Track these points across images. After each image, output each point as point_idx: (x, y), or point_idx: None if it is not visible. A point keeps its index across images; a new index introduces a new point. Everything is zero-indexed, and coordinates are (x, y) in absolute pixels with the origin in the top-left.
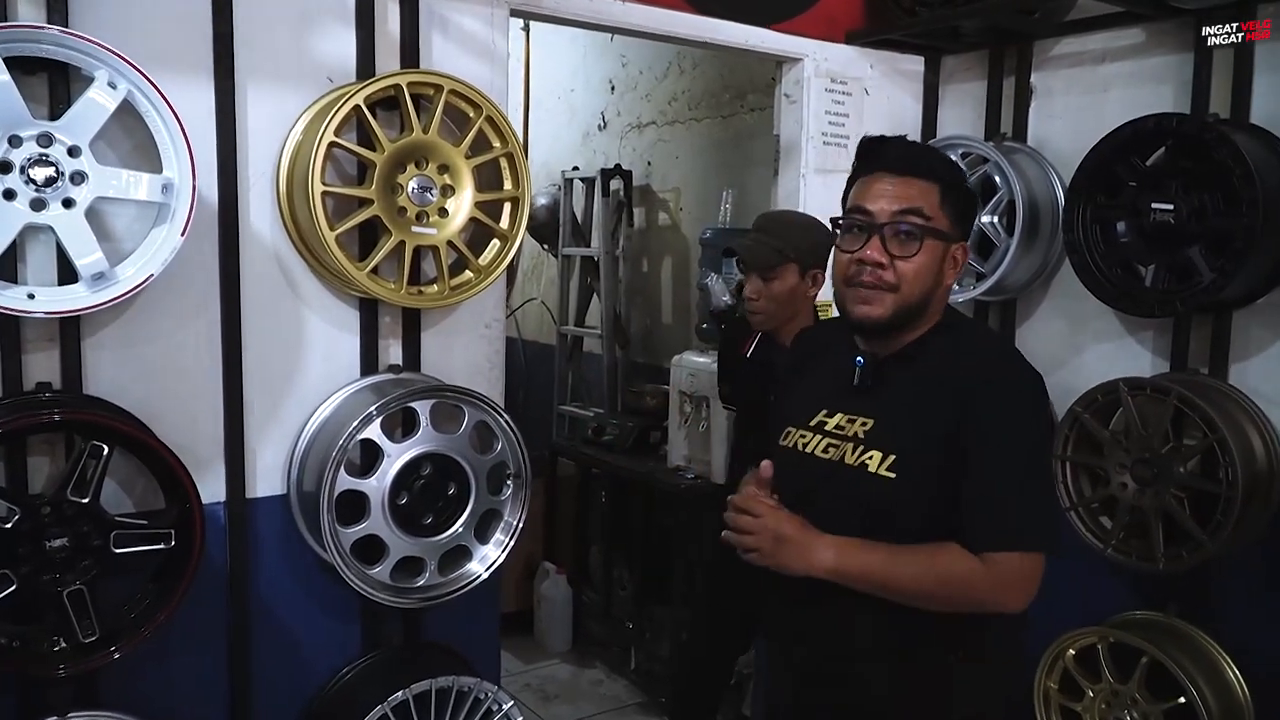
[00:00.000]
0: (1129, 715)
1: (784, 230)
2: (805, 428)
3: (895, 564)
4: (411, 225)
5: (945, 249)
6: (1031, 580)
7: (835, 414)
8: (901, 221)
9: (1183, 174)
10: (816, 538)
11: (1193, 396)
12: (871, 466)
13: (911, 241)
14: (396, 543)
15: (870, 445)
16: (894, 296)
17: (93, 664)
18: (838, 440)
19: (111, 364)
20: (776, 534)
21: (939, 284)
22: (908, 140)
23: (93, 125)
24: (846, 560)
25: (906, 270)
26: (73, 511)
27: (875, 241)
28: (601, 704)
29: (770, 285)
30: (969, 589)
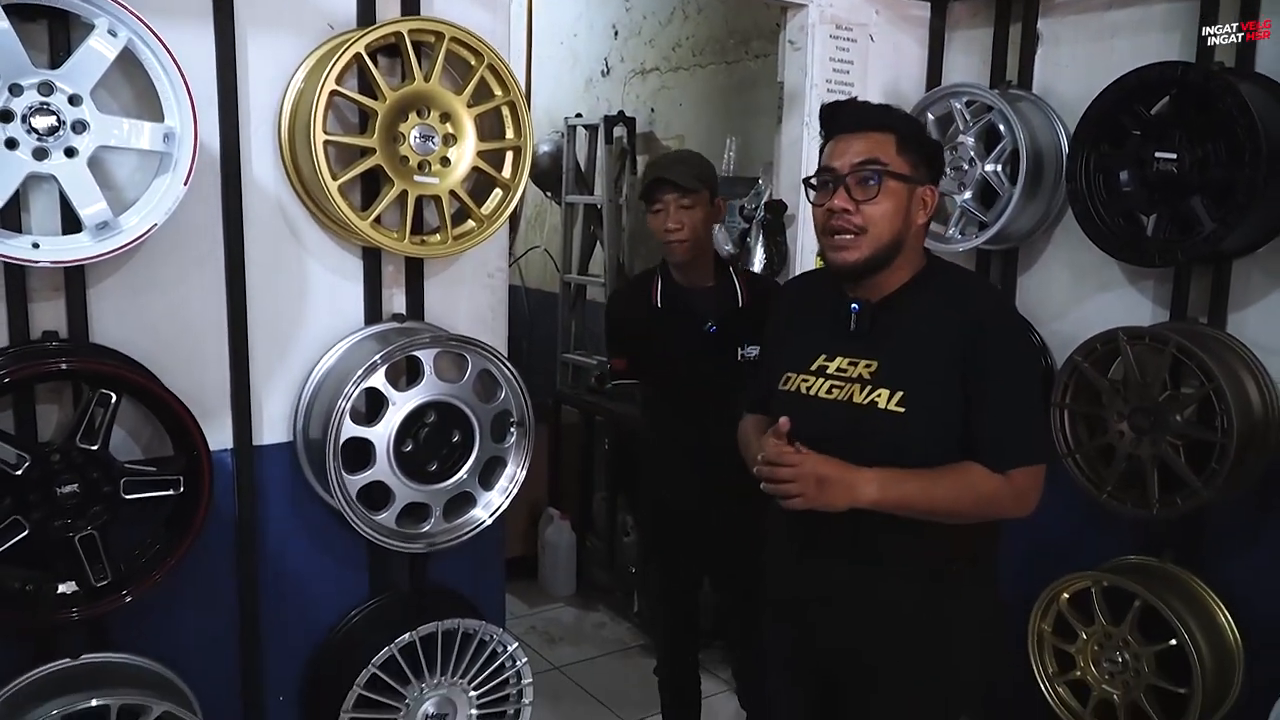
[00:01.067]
0: (1121, 657)
1: (692, 161)
2: (806, 372)
3: (934, 487)
4: (414, 174)
5: (910, 191)
6: (1040, 488)
7: (835, 358)
8: (861, 170)
9: (1187, 123)
10: (856, 473)
11: (1190, 345)
12: (881, 403)
13: (871, 185)
14: (402, 489)
15: (878, 384)
16: (865, 239)
17: (104, 607)
18: (841, 382)
19: (117, 313)
20: (818, 477)
21: (909, 224)
22: (860, 101)
23: (93, 73)
24: (889, 490)
25: (872, 212)
26: (82, 459)
27: (841, 191)
28: (604, 646)
29: (691, 212)
30: (996, 502)
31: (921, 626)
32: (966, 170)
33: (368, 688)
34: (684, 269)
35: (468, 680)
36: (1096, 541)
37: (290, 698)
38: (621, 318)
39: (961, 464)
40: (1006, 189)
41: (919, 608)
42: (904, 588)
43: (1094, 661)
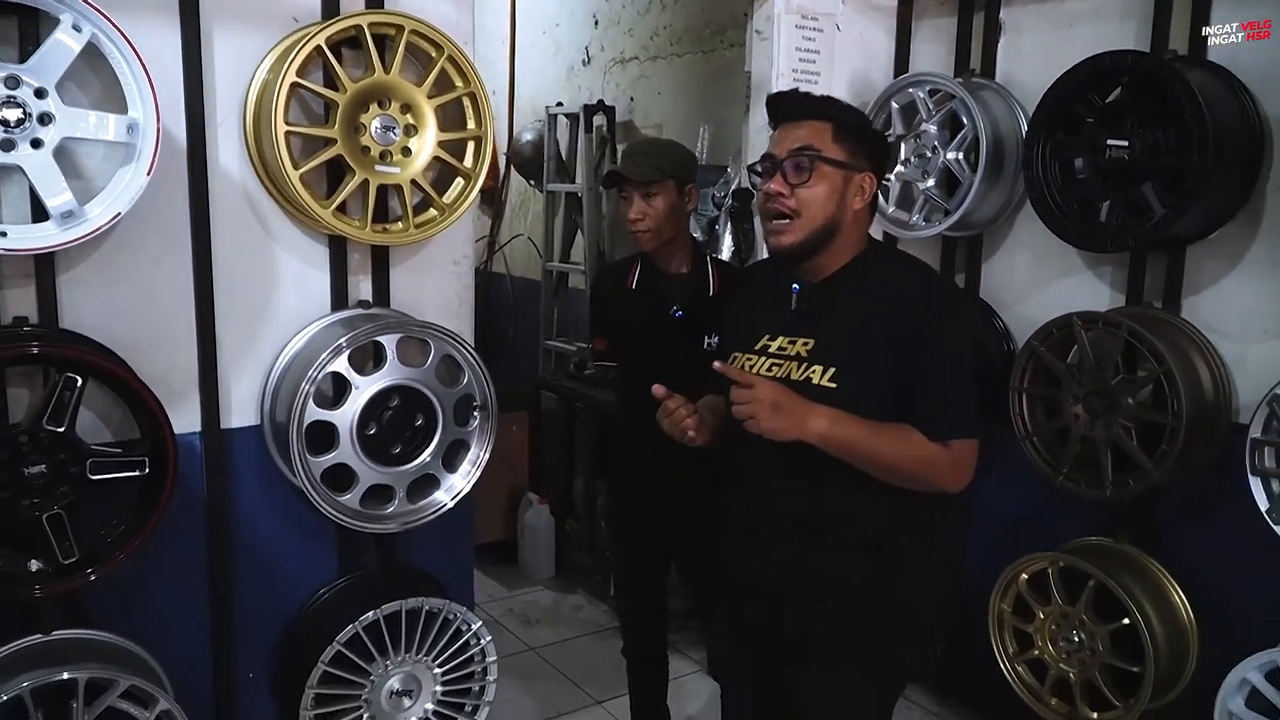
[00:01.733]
0: (1077, 636)
1: (658, 150)
2: (751, 352)
3: (878, 436)
4: (375, 164)
5: (846, 177)
6: (974, 463)
7: (778, 338)
8: (797, 156)
9: (1139, 111)
10: (810, 405)
11: (1142, 330)
12: (815, 379)
13: (802, 170)
14: (365, 471)
15: (813, 361)
16: (799, 222)
17: (70, 585)
18: (781, 360)
19: (87, 299)
20: (773, 401)
21: (843, 209)
22: (803, 92)
23: (58, 67)
24: (836, 427)
25: (806, 196)
26: (49, 440)
27: (778, 176)
28: (581, 628)
29: (652, 202)
30: (934, 467)
31: (865, 601)
32: (930, 158)
33: (333, 664)
34: (659, 255)
35: (432, 658)
36: (1058, 523)
37: (260, 675)
38: (601, 298)
39: (905, 425)
40: (968, 176)
41: (862, 582)
42: (846, 562)
43: (1051, 641)
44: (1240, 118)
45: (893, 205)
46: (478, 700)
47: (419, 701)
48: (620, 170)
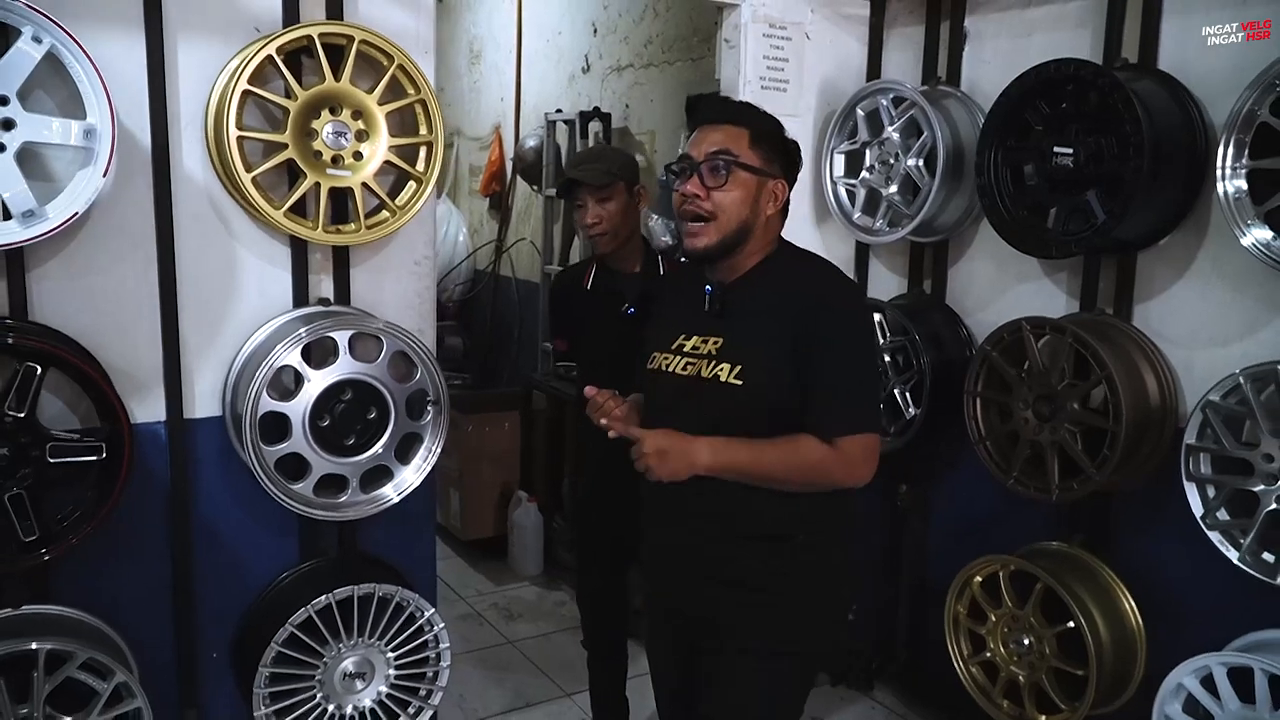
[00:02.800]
0: (1026, 639)
1: (607, 154)
2: (667, 351)
3: (762, 455)
4: (327, 168)
5: (759, 184)
6: (874, 456)
7: (692, 337)
8: (714, 159)
9: (1083, 119)
10: (690, 442)
11: (1086, 336)
12: (722, 377)
13: (719, 174)
14: (318, 461)
15: (721, 359)
16: (714, 225)
17: (26, 562)
18: (694, 359)
19: (56, 294)
20: (658, 449)
21: (756, 214)
22: (722, 97)
23: (19, 76)
24: (720, 456)
25: (721, 199)
26: (11, 424)
27: (694, 178)
28: (561, 623)
29: (607, 205)
30: (824, 470)
31: (757, 591)
32: (893, 165)
33: (288, 645)
34: (614, 256)
35: (385, 642)
36: (1016, 526)
37: (224, 655)
38: (559, 299)
39: (794, 435)
40: (926, 182)
41: (754, 573)
42: (739, 553)
43: (1003, 643)
44: (1184, 125)
45: (859, 211)
46: (431, 685)
47: (372, 684)
48: (577, 176)
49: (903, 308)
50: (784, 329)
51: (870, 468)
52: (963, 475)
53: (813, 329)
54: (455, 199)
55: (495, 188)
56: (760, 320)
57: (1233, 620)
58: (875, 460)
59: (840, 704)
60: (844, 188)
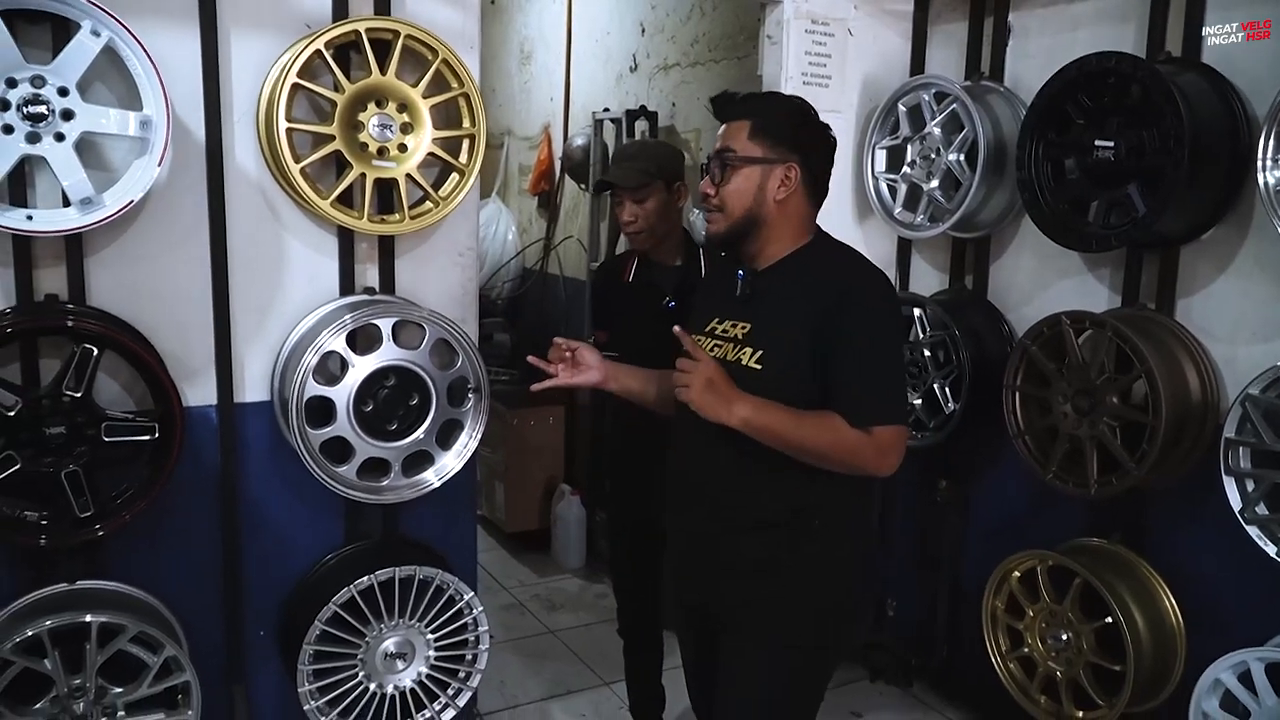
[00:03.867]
0: (1064, 634)
1: (645, 154)
2: (702, 333)
3: (799, 423)
4: (372, 159)
5: (764, 172)
6: (902, 448)
7: (724, 321)
8: (717, 158)
9: (1123, 112)
10: (738, 393)
11: (1126, 330)
12: (745, 361)
13: (721, 170)
14: (361, 445)
15: (746, 344)
16: (723, 215)
17: (80, 538)
18: (723, 342)
19: (112, 279)
20: (709, 378)
21: (763, 201)
22: (729, 94)
23: (79, 68)
24: (759, 414)
25: (725, 193)
26: (69, 404)
27: (706, 177)
28: (602, 614)
29: (644, 205)
30: (855, 452)
31: (766, 582)
32: (934, 160)
33: (331, 625)
34: (654, 250)
35: (425, 624)
36: (1054, 522)
37: (270, 633)
38: (599, 291)
39: (829, 412)
40: (967, 177)
41: (765, 564)
42: (750, 544)
43: (1040, 638)
44: (1227, 119)
45: (900, 206)
46: (470, 668)
47: (413, 665)
48: (609, 178)
49: (943, 303)
50: (808, 318)
51: (897, 458)
52: (1001, 470)
53: (837, 320)
54: (505, 198)
55: (544, 186)
56: (785, 308)
57: (1272, 616)
58: (902, 452)
59: (879, 699)
60: (885, 183)
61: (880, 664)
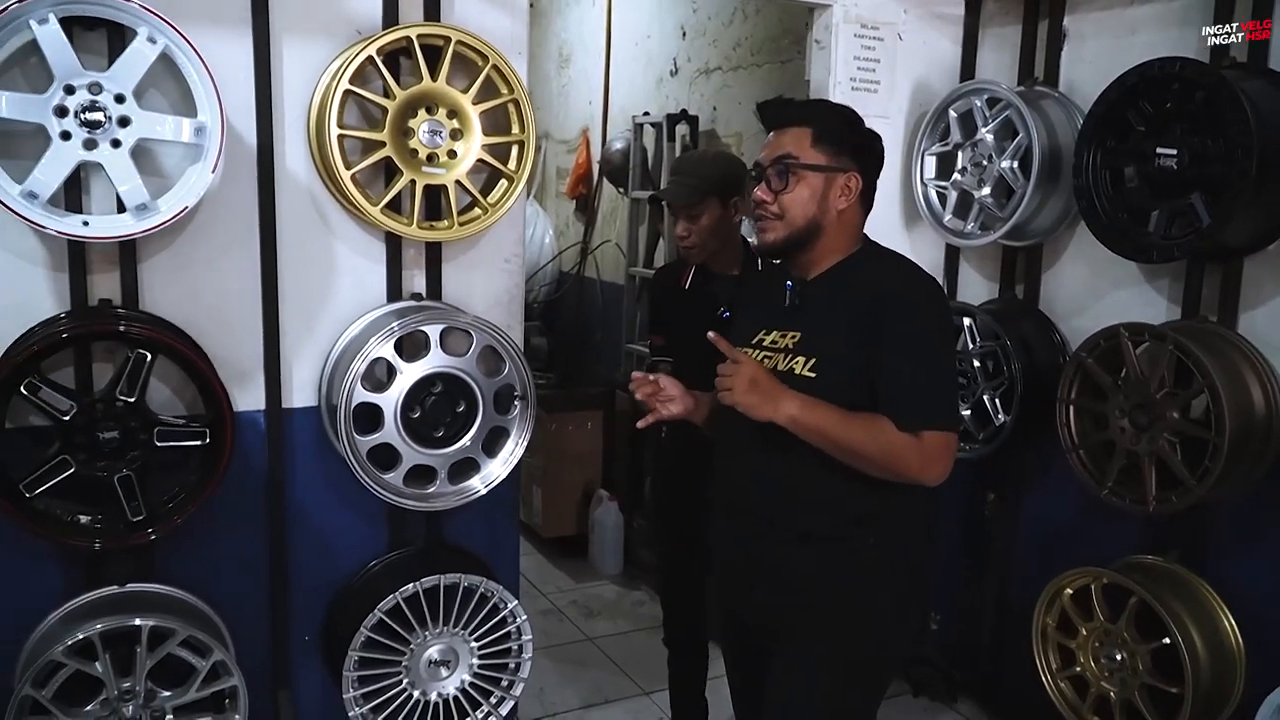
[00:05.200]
0: (1119, 654)
1: (699, 168)
2: (749, 345)
3: (847, 423)
4: (422, 165)
5: (827, 180)
6: (951, 455)
7: (771, 332)
8: (777, 164)
9: (1188, 119)
10: (784, 390)
11: (1188, 343)
12: (797, 370)
13: (783, 178)
14: (409, 452)
15: (798, 353)
16: (781, 223)
17: (131, 541)
18: (772, 353)
19: (164, 285)
20: (753, 378)
21: (825, 210)
22: (786, 99)
23: (135, 75)
24: (807, 412)
25: (786, 201)
26: (122, 409)
27: (762, 184)
28: (639, 622)
29: (697, 221)
30: (903, 456)
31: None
32: (986, 167)
33: (376, 631)
34: (710, 259)
35: (469, 632)
36: (1106, 538)
37: (315, 639)
38: (656, 297)
39: (877, 415)
40: (1021, 185)
41: (816, 575)
42: (802, 555)
43: (1093, 658)
44: None
45: (949, 213)
46: (513, 676)
47: (456, 673)
48: (662, 196)
49: (993, 312)
50: (860, 325)
51: (946, 466)
52: (1051, 484)
53: (888, 325)
54: (542, 201)
55: (582, 190)
56: (837, 315)
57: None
58: (951, 459)
59: (922, 715)
60: (934, 190)
61: (923, 679)
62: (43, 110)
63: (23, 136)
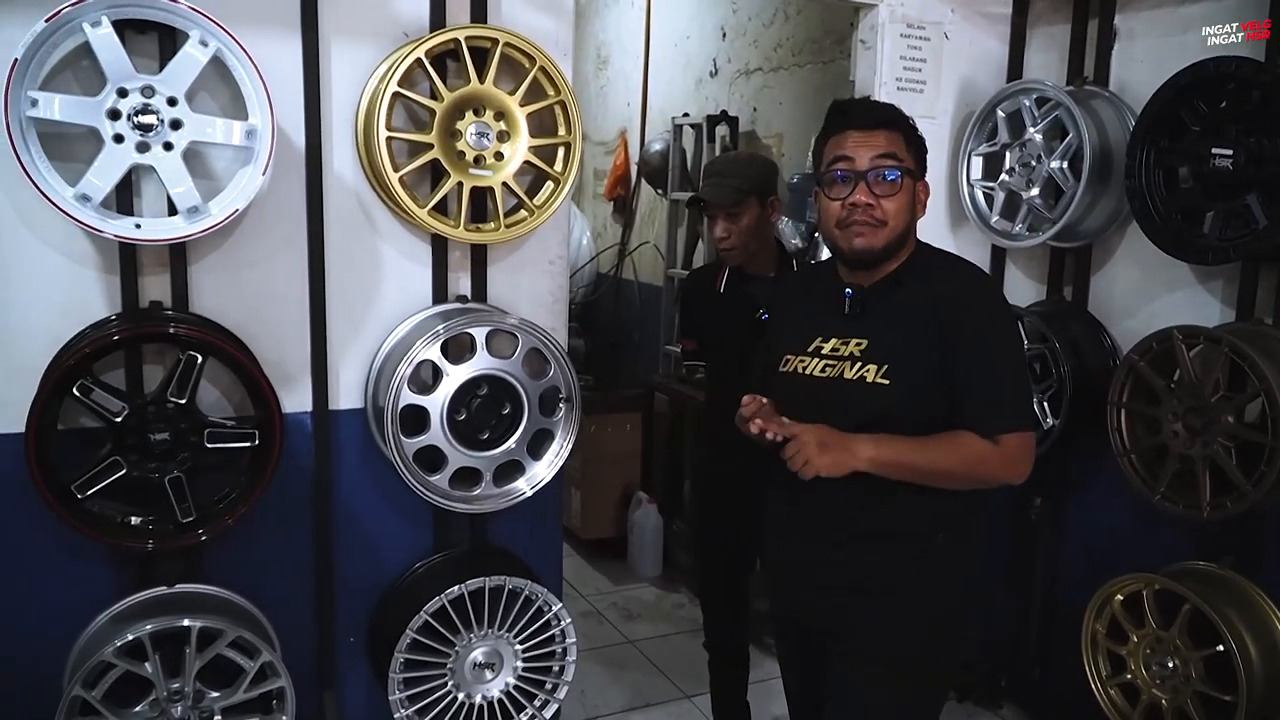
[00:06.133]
0: (1170, 661)
1: (738, 169)
2: (804, 354)
3: (924, 449)
4: (469, 168)
5: (917, 185)
6: (1030, 454)
7: (830, 339)
8: (882, 166)
9: (1243, 119)
10: (852, 438)
11: (1244, 346)
12: (869, 378)
13: (890, 181)
14: (454, 454)
15: (867, 360)
16: (885, 230)
17: (182, 542)
18: (834, 361)
19: (214, 287)
20: (820, 441)
21: (914, 217)
22: (874, 100)
23: (187, 78)
24: (884, 450)
25: (891, 206)
26: (173, 411)
27: (862, 186)
28: (679, 625)
29: (738, 222)
30: (984, 466)
31: (884, 593)
32: (1035, 167)
33: (421, 633)
34: (747, 262)
35: (513, 634)
36: (1158, 544)
37: (360, 640)
38: (689, 299)
39: (953, 431)
40: (1071, 185)
41: (883, 574)
42: (866, 557)
43: (1144, 665)
44: None
45: (997, 214)
46: (557, 679)
47: (500, 675)
48: (702, 196)
49: (1042, 314)
50: (930, 329)
51: (1028, 465)
52: (1100, 489)
53: (961, 328)
54: (579, 203)
55: (620, 192)
56: (905, 321)
57: None
58: (1032, 457)
59: None
60: (981, 191)
61: (968, 684)
62: (96, 113)
63: (75, 139)
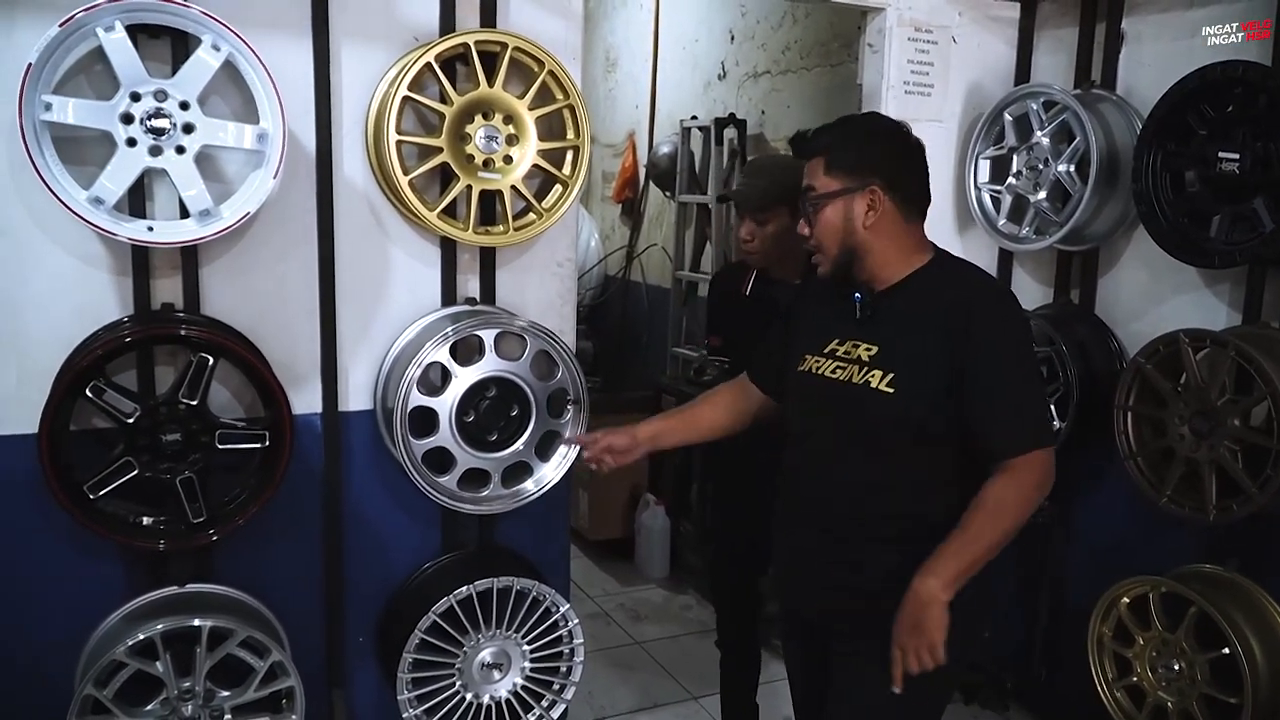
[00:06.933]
0: (1176, 664)
1: (773, 173)
2: (819, 354)
3: (975, 535)
4: (478, 171)
5: (848, 202)
6: (1052, 469)
7: (845, 342)
8: (803, 199)
9: (1249, 123)
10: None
11: (1250, 350)
12: (874, 384)
13: (807, 212)
14: (463, 455)
15: (874, 366)
16: (822, 254)
17: (195, 542)
18: (845, 363)
19: (225, 289)
20: (911, 625)
21: (852, 230)
22: (803, 132)
23: (200, 82)
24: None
25: (817, 234)
26: (184, 412)
27: (802, 219)
28: (687, 626)
29: (764, 227)
30: (1024, 505)
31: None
32: (1041, 171)
33: (430, 634)
34: (773, 267)
35: (521, 635)
36: (1164, 547)
37: (369, 640)
38: (717, 299)
39: (979, 496)
40: (1078, 189)
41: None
42: (883, 554)
43: (1150, 667)
44: None
45: (1004, 218)
46: (565, 680)
47: (508, 675)
48: (731, 195)
49: (1048, 317)
50: (939, 340)
51: (1052, 479)
52: (1107, 492)
53: (974, 342)
54: (587, 205)
55: (628, 194)
56: (914, 329)
57: None
58: (1053, 470)
59: None
60: (988, 194)
61: (975, 685)
62: (109, 117)
63: (89, 143)
